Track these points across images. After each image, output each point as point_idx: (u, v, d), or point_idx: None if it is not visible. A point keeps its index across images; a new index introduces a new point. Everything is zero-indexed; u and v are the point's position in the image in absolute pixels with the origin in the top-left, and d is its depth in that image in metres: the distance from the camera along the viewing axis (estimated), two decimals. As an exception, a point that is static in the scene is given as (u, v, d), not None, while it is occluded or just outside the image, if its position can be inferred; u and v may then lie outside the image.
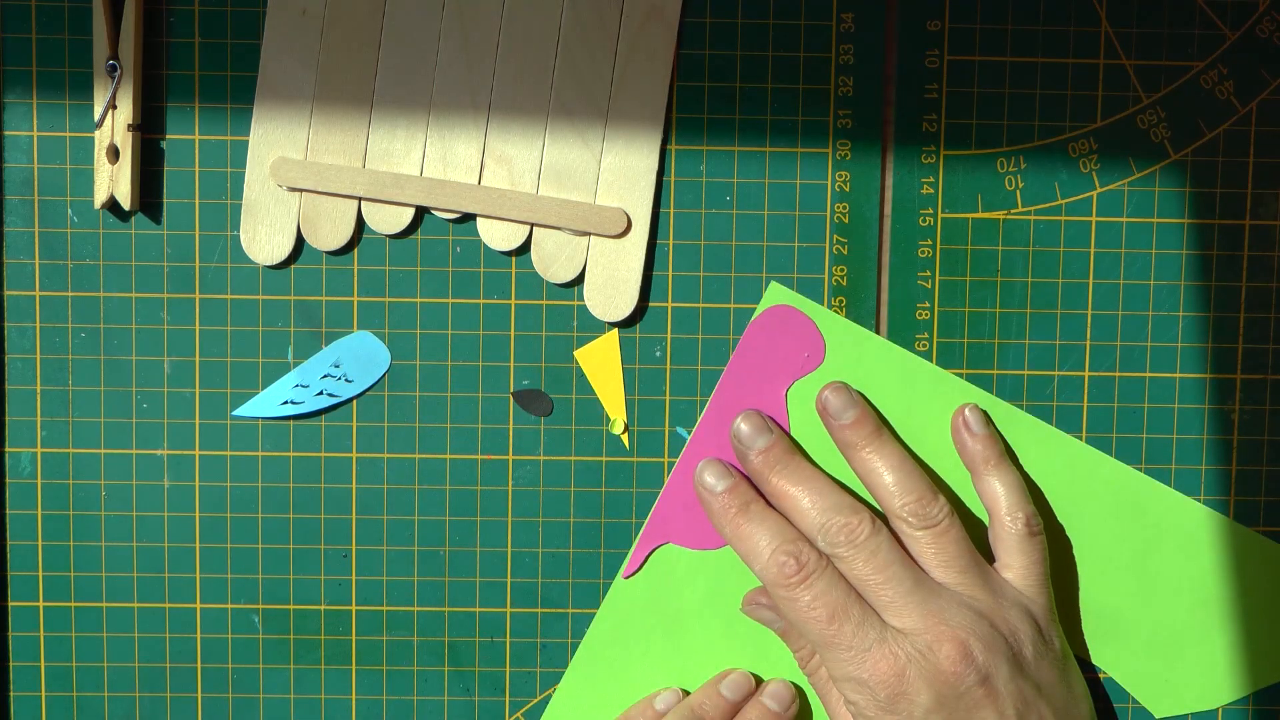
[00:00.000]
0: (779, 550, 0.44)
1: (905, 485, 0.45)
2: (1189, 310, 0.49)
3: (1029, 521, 0.45)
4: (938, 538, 0.44)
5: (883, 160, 0.48)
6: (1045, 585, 0.45)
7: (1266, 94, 0.48)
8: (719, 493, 0.46)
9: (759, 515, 0.45)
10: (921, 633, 0.43)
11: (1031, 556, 0.45)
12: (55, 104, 0.47)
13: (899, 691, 0.42)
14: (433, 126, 0.47)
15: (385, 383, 0.49)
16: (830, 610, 0.43)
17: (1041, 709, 0.43)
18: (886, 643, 0.42)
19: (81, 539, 0.49)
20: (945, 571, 0.44)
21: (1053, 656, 0.44)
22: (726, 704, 0.47)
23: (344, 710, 0.49)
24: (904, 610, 0.43)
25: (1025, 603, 0.44)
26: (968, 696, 0.42)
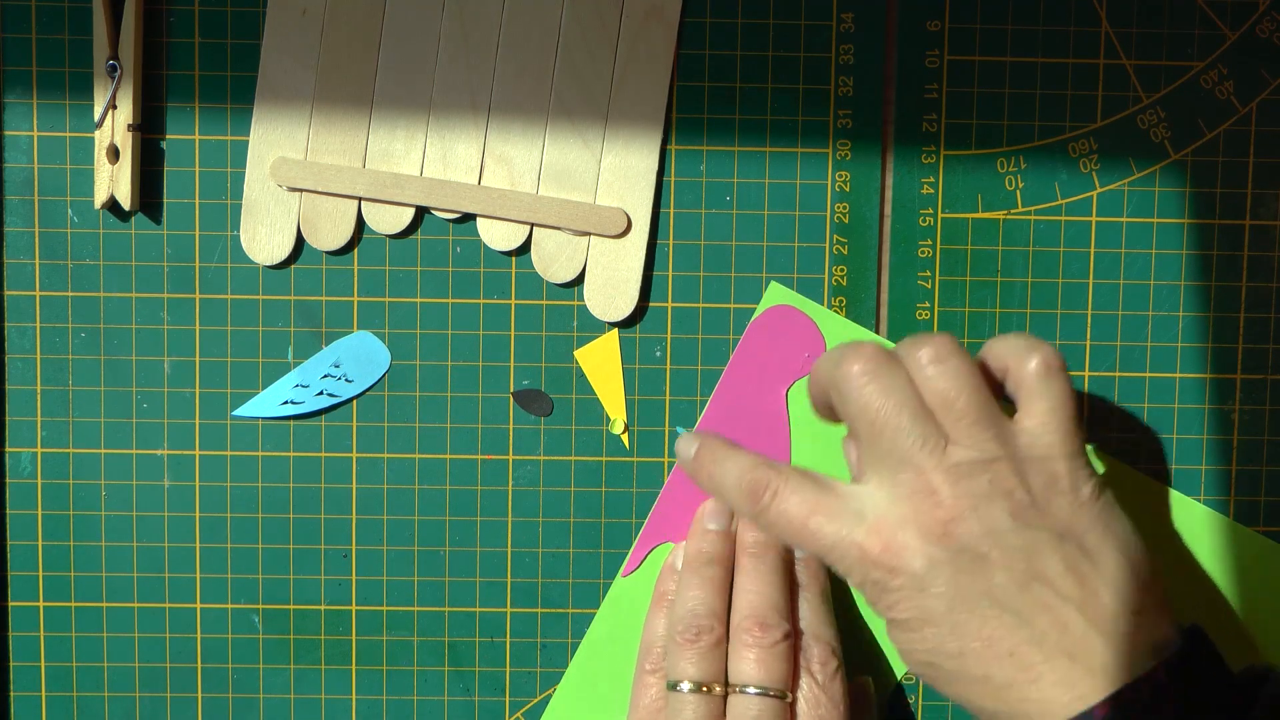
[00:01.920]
0: (740, 480, 0.42)
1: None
2: (1189, 310, 0.49)
3: (1045, 360, 0.41)
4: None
5: (883, 160, 0.48)
6: (1074, 430, 0.41)
7: (1266, 94, 0.48)
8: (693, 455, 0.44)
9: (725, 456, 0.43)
10: (904, 489, 0.39)
11: (1051, 400, 0.41)
12: (55, 104, 0.47)
13: (893, 568, 0.39)
14: (433, 126, 0.47)
15: (385, 383, 0.49)
16: (803, 511, 0.41)
17: (1065, 558, 0.38)
18: (866, 520, 0.40)
19: (81, 539, 0.49)
20: (955, 425, 0.40)
21: (1078, 503, 0.40)
22: (719, 534, 0.46)
23: (344, 710, 0.49)
24: (880, 461, 0.40)
25: (1042, 451, 0.40)
26: (965, 555, 0.38)
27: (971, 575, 0.38)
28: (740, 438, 0.48)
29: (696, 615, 0.44)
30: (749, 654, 0.43)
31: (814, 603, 0.46)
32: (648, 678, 0.45)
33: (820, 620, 0.45)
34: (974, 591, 0.38)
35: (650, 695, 0.45)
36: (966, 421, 0.40)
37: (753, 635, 0.43)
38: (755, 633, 0.43)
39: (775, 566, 0.45)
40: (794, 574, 0.46)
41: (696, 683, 0.43)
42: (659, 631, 0.46)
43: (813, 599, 0.46)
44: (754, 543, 0.46)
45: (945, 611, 0.38)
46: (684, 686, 0.43)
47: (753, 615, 0.43)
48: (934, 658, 0.39)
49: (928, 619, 0.39)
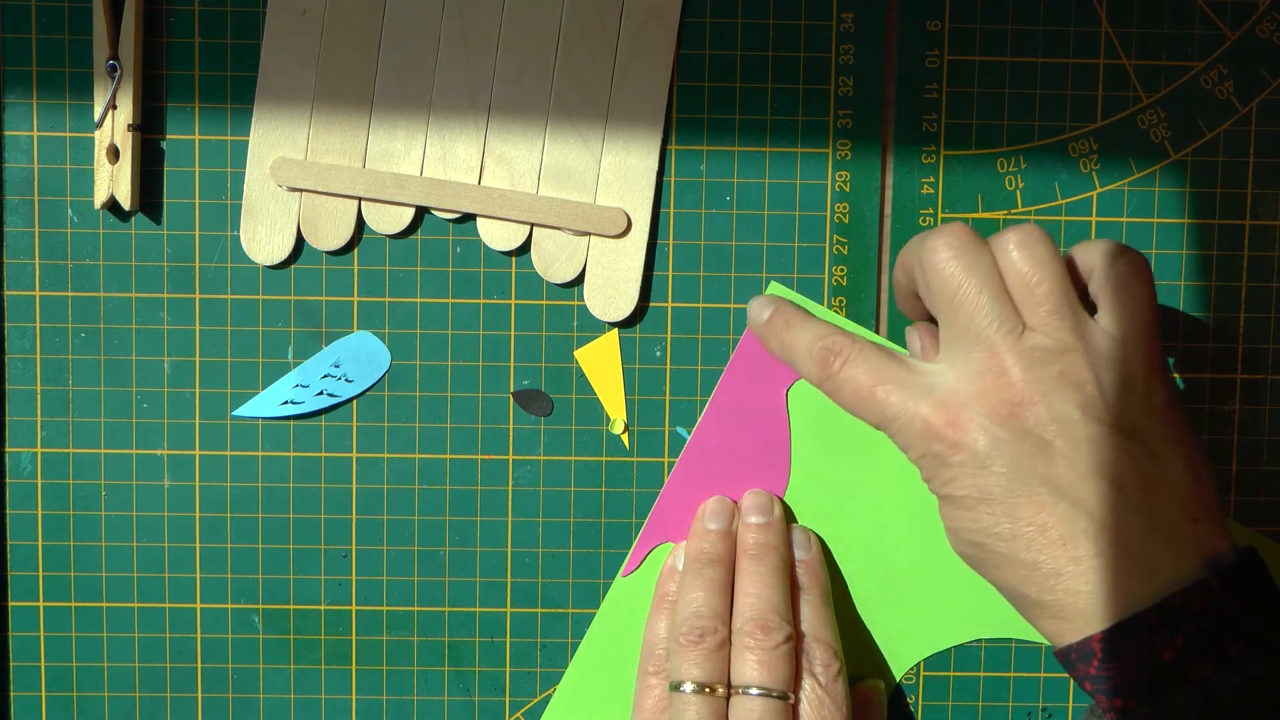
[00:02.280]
0: (812, 346, 0.43)
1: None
2: (1189, 310, 0.49)
3: (1131, 263, 0.41)
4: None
5: (883, 160, 0.48)
6: (1153, 335, 0.40)
7: (1266, 94, 0.48)
8: (765, 319, 0.45)
9: (799, 323, 0.44)
10: (976, 367, 0.40)
11: (1133, 303, 0.40)
12: (55, 104, 0.47)
13: (954, 444, 0.39)
14: (433, 126, 0.47)
15: (385, 383, 0.49)
16: (872, 380, 0.41)
17: (1131, 457, 0.38)
18: (934, 393, 0.40)
19: (81, 539, 0.49)
20: (1034, 311, 0.40)
21: (1149, 408, 0.39)
22: (720, 534, 0.46)
23: (344, 710, 0.49)
24: (955, 337, 0.40)
25: (1122, 353, 0.40)
26: (1029, 439, 0.38)
27: (1034, 459, 0.38)
28: (740, 438, 0.48)
29: (699, 617, 0.44)
30: (751, 656, 0.43)
31: (815, 605, 0.46)
32: (650, 679, 0.45)
33: (821, 622, 0.45)
34: (1034, 475, 0.38)
35: (653, 697, 0.45)
36: (1046, 309, 0.40)
37: (754, 638, 0.43)
38: (757, 635, 0.43)
39: (776, 568, 0.45)
40: (795, 576, 0.46)
41: (699, 684, 0.43)
42: (661, 633, 0.46)
43: (814, 601, 0.46)
44: (754, 544, 0.46)
45: (1003, 492, 0.38)
46: (687, 688, 0.43)
47: (754, 618, 0.44)
48: (985, 539, 0.39)
49: (984, 497, 0.39)
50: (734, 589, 0.45)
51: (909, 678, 0.49)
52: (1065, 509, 0.38)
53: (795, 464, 0.48)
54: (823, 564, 0.47)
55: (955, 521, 0.40)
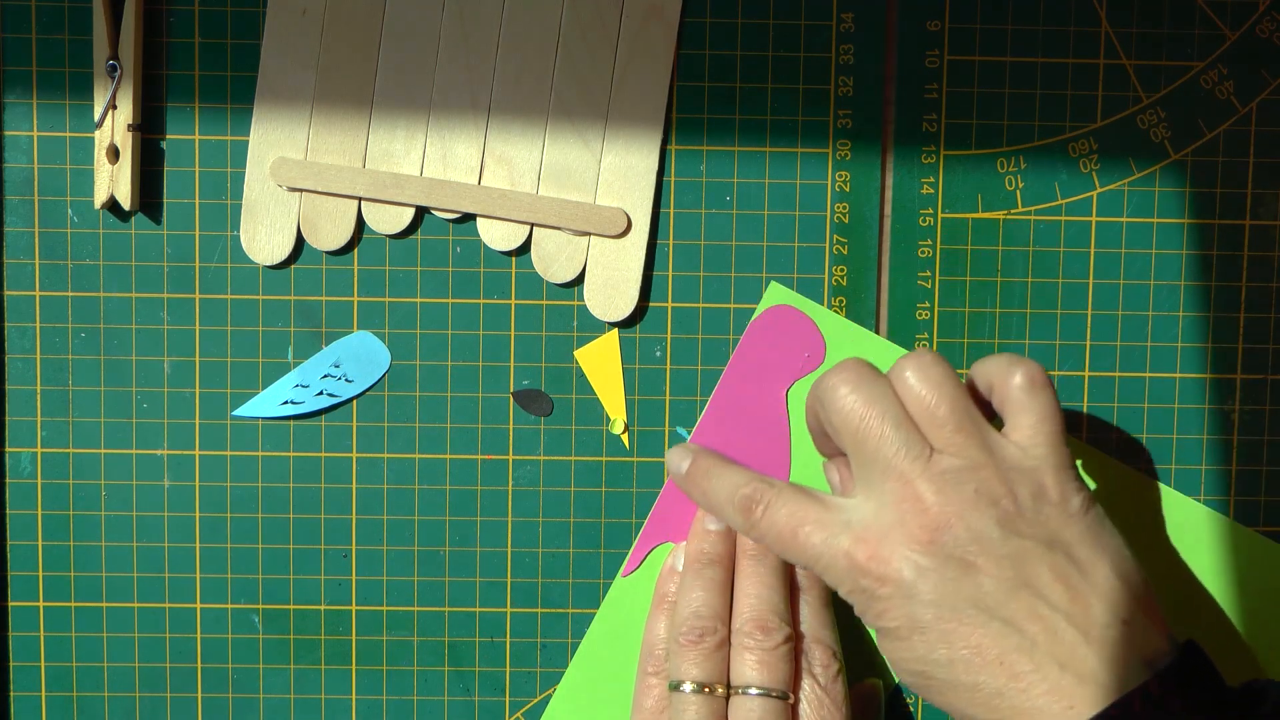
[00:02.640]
0: (732, 496, 0.43)
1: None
2: (1189, 310, 0.49)
3: (1029, 374, 0.41)
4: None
5: (883, 160, 0.48)
6: (1059, 443, 0.41)
7: (1266, 94, 0.48)
8: (685, 471, 0.45)
9: (718, 473, 0.44)
10: (891, 500, 0.40)
11: (1037, 413, 0.41)
12: (55, 104, 0.47)
13: (880, 576, 0.39)
14: (433, 126, 0.47)
15: (385, 383, 0.49)
16: (793, 523, 0.41)
17: (1053, 567, 0.39)
18: (853, 528, 0.40)
19: (81, 539, 0.49)
20: (939, 433, 0.41)
21: (1066, 514, 0.40)
22: (719, 535, 0.46)
23: (344, 710, 0.49)
24: (868, 472, 0.41)
25: (1031, 463, 0.40)
26: (953, 563, 0.39)
27: (959, 582, 0.38)
28: (740, 438, 0.48)
29: (699, 617, 0.44)
30: (750, 657, 0.43)
31: (814, 606, 0.46)
32: (650, 680, 0.45)
33: (821, 623, 0.45)
34: (961, 598, 0.38)
35: (653, 697, 0.45)
36: (949, 429, 0.40)
37: (754, 639, 0.43)
38: (756, 636, 0.43)
39: (775, 569, 0.45)
40: (795, 577, 0.46)
41: (699, 684, 0.43)
42: (660, 634, 0.46)
43: (813, 602, 0.46)
44: (754, 545, 0.46)
45: (933, 619, 0.39)
46: (686, 687, 0.43)
47: (754, 619, 0.44)
48: (924, 666, 0.39)
49: (916, 626, 0.39)
50: (734, 589, 0.45)
51: (909, 678, 0.49)
52: (997, 627, 0.38)
53: (795, 464, 0.48)
54: None
55: (893, 653, 0.40)
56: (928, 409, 0.41)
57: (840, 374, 0.41)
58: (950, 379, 0.41)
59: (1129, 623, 0.38)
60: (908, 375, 0.41)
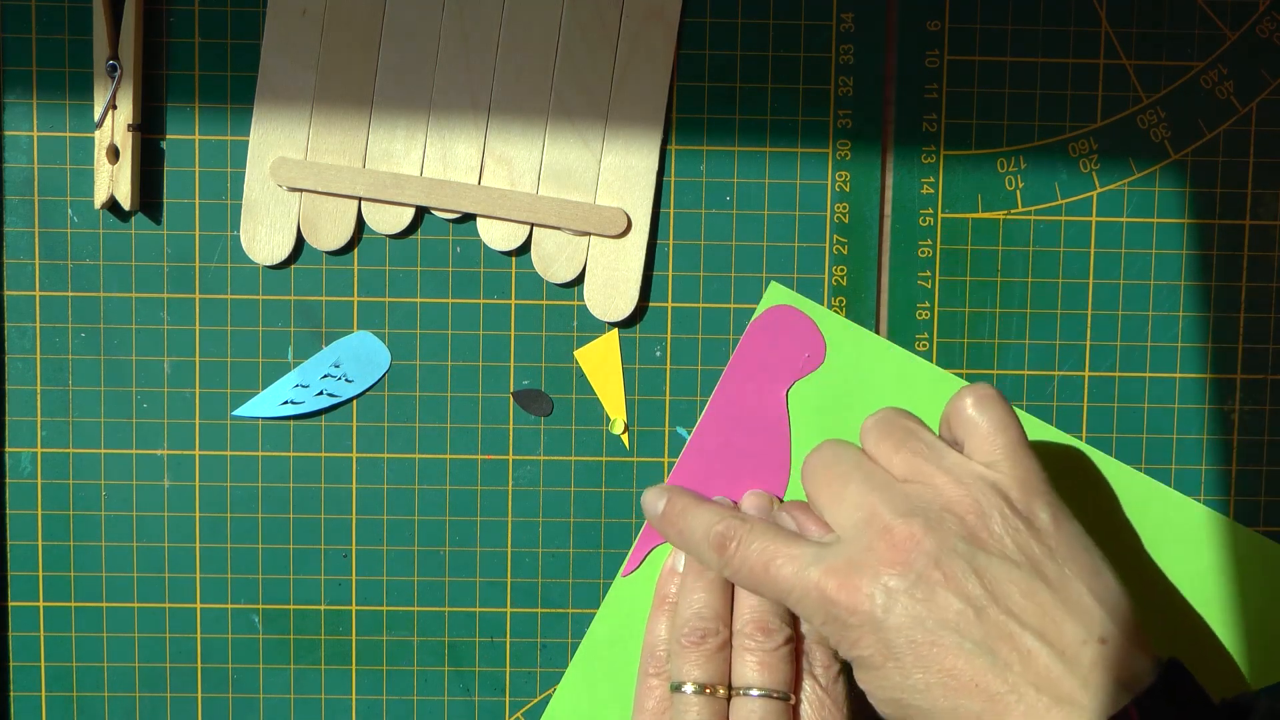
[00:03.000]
0: (706, 533, 0.43)
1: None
2: (1189, 310, 0.49)
3: (975, 394, 0.42)
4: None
5: (883, 160, 0.48)
6: (1018, 455, 0.41)
7: (1266, 94, 0.48)
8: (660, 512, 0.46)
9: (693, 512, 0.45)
10: (860, 531, 0.40)
11: (988, 426, 0.41)
12: (55, 104, 0.47)
13: (851, 605, 0.39)
14: (433, 126, 0.47)
15: (385, 383, 0.49)
16: (764, 558, 0.42)
17: (1022, 584, 0.38)
18: (824, 560, 0.40)
19: (81, 539, 0.49)
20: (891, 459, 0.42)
21: (1032, 530, 0.40)
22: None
23: (344, 710, 0.49)
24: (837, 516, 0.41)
25: (991, 477, 0.40)
26: (922, 583, 0.38)
27: (929, 603, 0.38)
28: (740, 438, 0.48)
29: (701, 618, 0.44)
30: (751, 658, 0.43)
31: None
32: (651, 680, 0.45)
33: None
34: (932, 620, 0.38)
35: (654, 698, 0.45)
36: (918, 460, 0.41)
37: (755, 640, 0.43)
38: (757, 637, 0.43)
39: None
40: None
41: (700, 685, 0.43)
42: (661, 635, 0.46)
43: None
44: None
45: (905, 644, 0.39)
46: (688, 688, 0.43)
47: (754, 620, 0.44)
48: (900, 694, 0.39)
49: (890, 653, 0.39)
50: (734, 590, 0.45)
51: (909, 678, 0.49)
52: (969, 649, 0.38)
53: (795, 464, 0.48)
54: None
55: (868, 684, 0.40)
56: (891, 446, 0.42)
57: (809, 458, 0.44)
58: (907, 415, 0.43)
59: (1105, 641, 0.38)
60: (867, 427, 0.43)
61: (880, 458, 0.42)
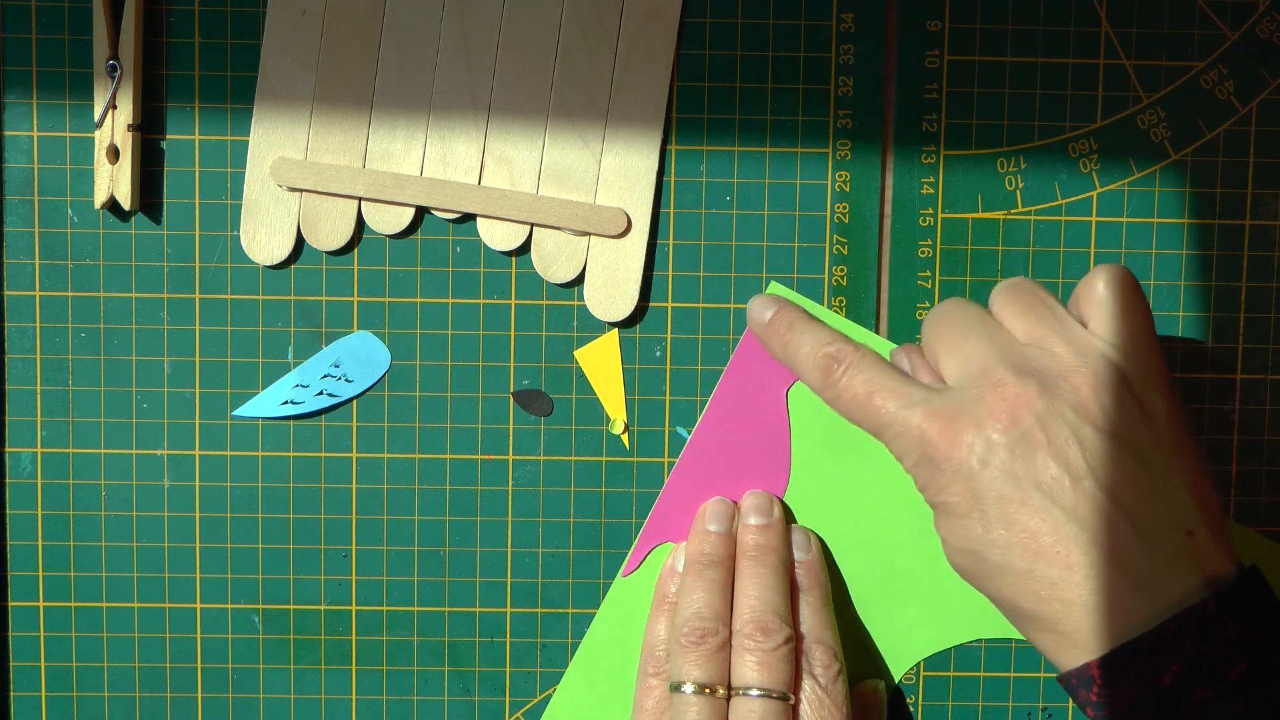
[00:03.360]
0: (815, 352, 0.44)
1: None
2: (1189, 310, 0.49)
3: (1109, 272, 0.41)
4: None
5: (883, 160, 0.48)
6: (1144, 340, 0.40)
7: (1266, 94, 0.48)
8: (767, 320, 0.46)
9: (802, 327, 0.45)
10: (973, 381, 0.40)
11: (1118, 307, 0.40)
12: (55, 104, 0.47)
13: (948, 450, 0.39)
14: (433, 126, 0.47)
15: (385, 383, 0.49)
16: (870, 388, 0.42)
17: (1123, 464, 0.38)
18: (930, 402, 0.40)
19: (81, 539, 0.49)
20: (1030, 329, 0.41)
21: (1146, 417, 0.39)
22: (720, 536, 0.46)
23: (344, 710, 0.49)
24: (951, 365, 0.41)
25: (1114, 357, 0.39)
26: (1024, 441, 0.38)
27: (1027, 462, 0.38)
28: (740, 438, 0.48)
29: (701, 618, 0.44)
30: (750, 658, 0.43)
31: (815, 606, 0.46)
32: (650, 680, 0.45)
33: (821, 623, 0.45)
34: (1027, 480, 0.38)
35: (654, 698, 0.45)
36: (1043, 325, 0.41)
37: (754, 640, 0.43)
38: (757, 637, 0.43)
39: (775, 569, 0.45)
40: (795, 577, 0.46)
41: (700, 685, 0.43)
42: (661, 634, 0.46)
43: (814, 602, 0.46)
44: (754, 546, 0.46)
45: (995, 498, 0.38)
46: (687, 688, 0.43)
47: (754, 620, 0.44)
48: (979, 546, 0.39)
49: (976, 504, 0.39)
50: (734, 590, 0.45)
51: (909, 678, 0.49)
52: (1058, 515, 0.38)
53: (795, 464, 0.48)
54: (823, 565, 0.47)
55: (949, 531, 0.40)
56: (1018, 310, 0.41)
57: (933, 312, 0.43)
58: (1038, 285, 0.42)
59: (1193, 535, 0.38)
60: (998, 287, 0.42)
61: (1005, 319, 0.42)
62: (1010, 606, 0.39)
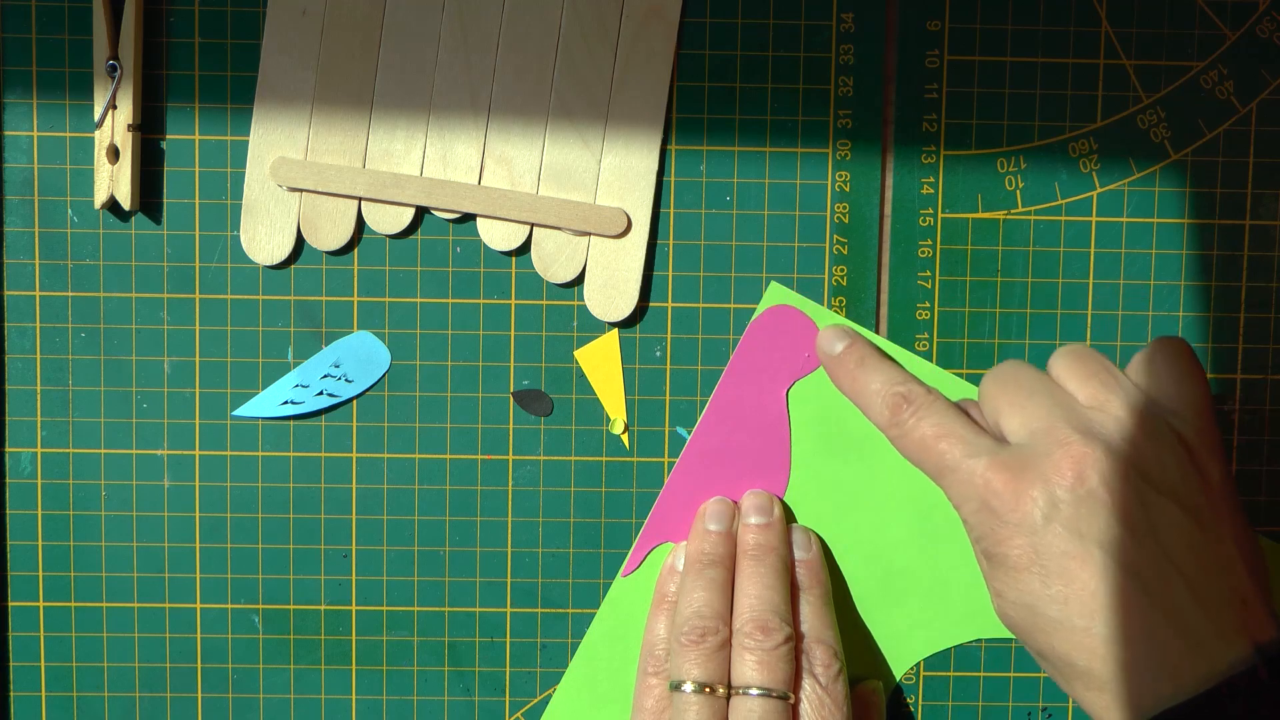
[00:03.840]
0: (885, 391, 0.44)
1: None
2: (1189, 310, 0.49)
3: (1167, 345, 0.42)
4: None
5: (883, 160, 0.48)
6: (1202, 409, 0.41)
7: (1266, 94, 0.48)
8: (838, 353, 0.46)
9: (873, 364, 0.45)
10: (1038, 439, 0.40)
11: (1177, 377, 0.41)
12: (55, 104, 0.47)
13: (1013, 502, 0.39)
14: (433, 126, 0.47)
15: (385, 383, 0.49)
16: (938, 432, 0.42)
17: (1183, 529, 0.39)
18: (997, 454, 0.40)
19: (81, 539, 0.49)
20: (1079, 385, 0.42)
21: (1205, 482, 0.40)
22: (720, 535, 0.46)
23: (344, 710, 0.49)
24: (1014, 422, 0.41)
25: (1174, 423, 0.40)
26: (1089, 501, 0.39)
27: (1091, 520, 0.38)
28: (740, 438, 0.48)
29: (701, 617, 0.44)
30: (750, 657, 0.43)
31: (815, 605, 0.46)
32: (650, 680, 0.45)
33: (822, 623, 0.45)
34: (1090, 538, 0.38)
35: (653, 698, 0.45)
36: (1106, 391, 0.41)
37: (754, 639, 0.43)
38: (756, 636, 0.43)
39: (775, 568, 0.45)
40: (795, 576, 0.46)
41: (700, 684, 0.43)
42: (661, 634, 0.46)
43: (814, 601, 0.46)
44: (754, 545, 0.46)
45: (1057, 554, 0.39)
46: (687, 688, 0.43)
47: (754, 619, 0.44)
48: (1036, 601, 0.39)
49: (1036, 559, 0.39)
50: (734, 589, 0.45)
51: (909, 678, 0.49)
52: (1118, 572, 0.38)
53: (795, 464, 0.48)
54: (823, 564, 0.47)
55: (1005, 584, 0.40)
56: (1075, 370, 0.42)
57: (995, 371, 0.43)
58: (1098, 353, 0.42)
59: (1246, 602, 0.38)
60: (1058, 352, 0.43)
61: (1067, 383, 0.42)
62: (1064, 663, 0.39)
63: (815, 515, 0.48)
